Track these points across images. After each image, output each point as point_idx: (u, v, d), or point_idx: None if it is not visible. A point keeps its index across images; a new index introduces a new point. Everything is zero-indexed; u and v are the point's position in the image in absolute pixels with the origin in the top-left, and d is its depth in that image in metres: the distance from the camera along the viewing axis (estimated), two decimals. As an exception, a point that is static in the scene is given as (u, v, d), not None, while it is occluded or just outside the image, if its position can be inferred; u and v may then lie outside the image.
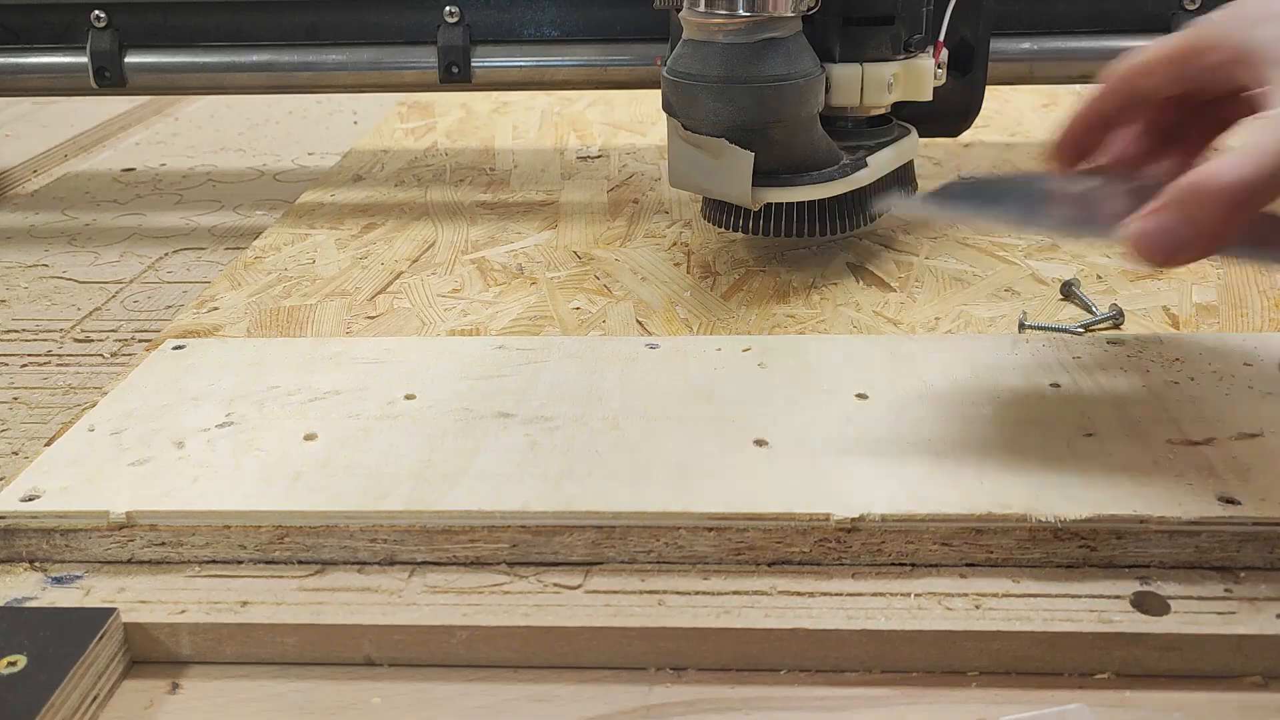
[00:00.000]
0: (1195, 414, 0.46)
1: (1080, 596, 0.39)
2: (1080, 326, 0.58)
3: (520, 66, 0.80)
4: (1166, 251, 0.41)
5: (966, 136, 0.65)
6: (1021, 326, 0.58)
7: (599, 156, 0.94)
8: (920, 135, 0.69)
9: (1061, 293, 0.63)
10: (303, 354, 0.54)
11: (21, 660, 0.36)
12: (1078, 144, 0.48)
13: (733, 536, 0.41)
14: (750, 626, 0.38)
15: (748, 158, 0.59)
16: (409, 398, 0.49)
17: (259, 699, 0.37)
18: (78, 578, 0.41)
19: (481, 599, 0.39)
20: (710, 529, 0.40)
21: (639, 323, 0.61)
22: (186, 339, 0.57)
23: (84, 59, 0.80)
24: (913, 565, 0.40)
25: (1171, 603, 0.38)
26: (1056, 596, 0.39)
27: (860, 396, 0.48)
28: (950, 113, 0.70)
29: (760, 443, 0.45)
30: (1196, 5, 0.74)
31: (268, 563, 0.42)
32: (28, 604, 0.40)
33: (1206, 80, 0.46)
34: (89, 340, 0.64)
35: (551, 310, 0.63)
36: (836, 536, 0.40)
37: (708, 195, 0.65)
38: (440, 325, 0.62)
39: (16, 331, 0.66)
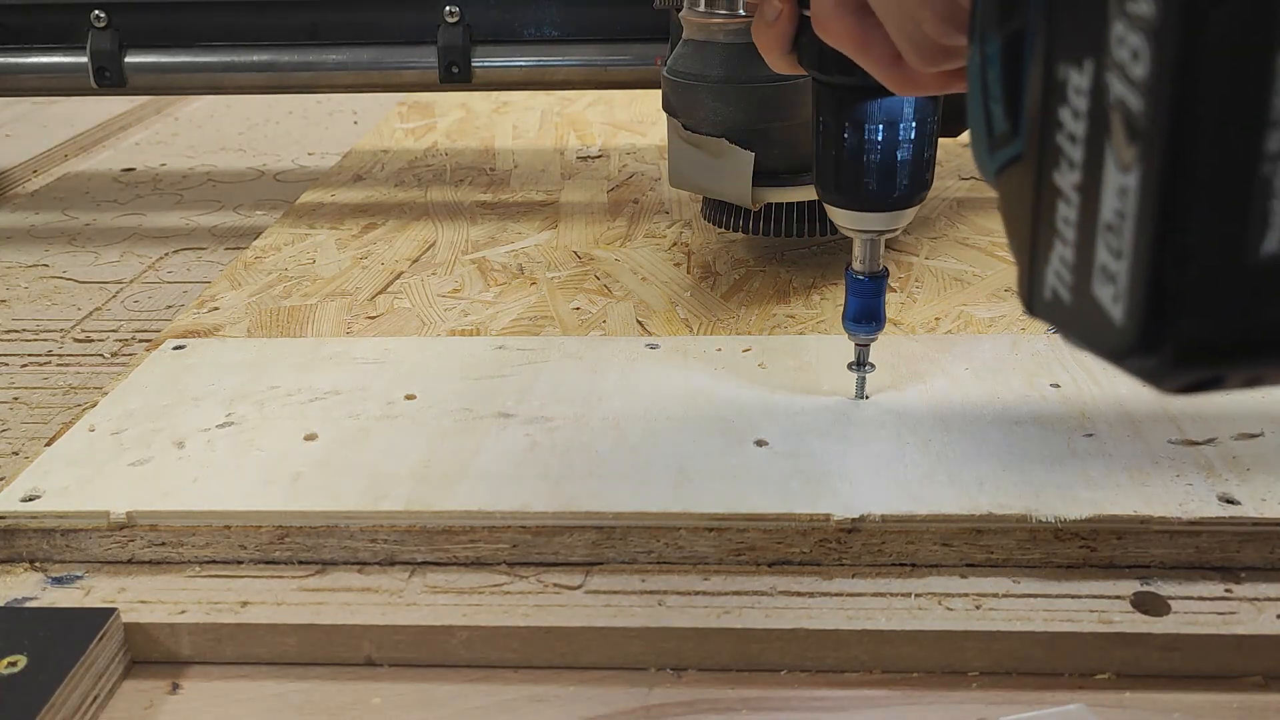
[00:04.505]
0: (1195, 414, 0.46)
1: (1080, 596, 0.39)
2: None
3: (520, 66, 0.80)
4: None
5: (966, 136, 0.65)
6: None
7: (599, 156, 0.94)
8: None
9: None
10: (303, 354, 0.54)
11: (22, 660, 0.36)
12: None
13: (733, 536, 0.40)
14: (750, 626, 0.38)
15: (748, 158, 0.59)
16: (409, 398, 0.49)
17: (259, 699, 0.37)
18: (78, 578, 0.41)
19: (481, 599, 0.39)
20: (710, 529, 0.40)
21: (639, 323, 0.61)
22: (187, 339, 0.57)
23: (84, 59, 0.80)
24: (913, 565, 0.40)
25: (1171, 603, 0.38)
26: (1056, 597, 0.39)
27: (860, 396, 0.48)
28: (950, 113, 0.70)
29: (760, 443, 0.45)
30: None
31: (268, 563, 0.42)
32: (28, 604, 0.40)
33: None
34: (89, 340, 0.64)
35: (551, 310, 0.63)
36: (837, 537, 0.40)
37: (708, 195, 0.65)
38: (440, 325, 0.62)
39: (16, 331, 0.66)
